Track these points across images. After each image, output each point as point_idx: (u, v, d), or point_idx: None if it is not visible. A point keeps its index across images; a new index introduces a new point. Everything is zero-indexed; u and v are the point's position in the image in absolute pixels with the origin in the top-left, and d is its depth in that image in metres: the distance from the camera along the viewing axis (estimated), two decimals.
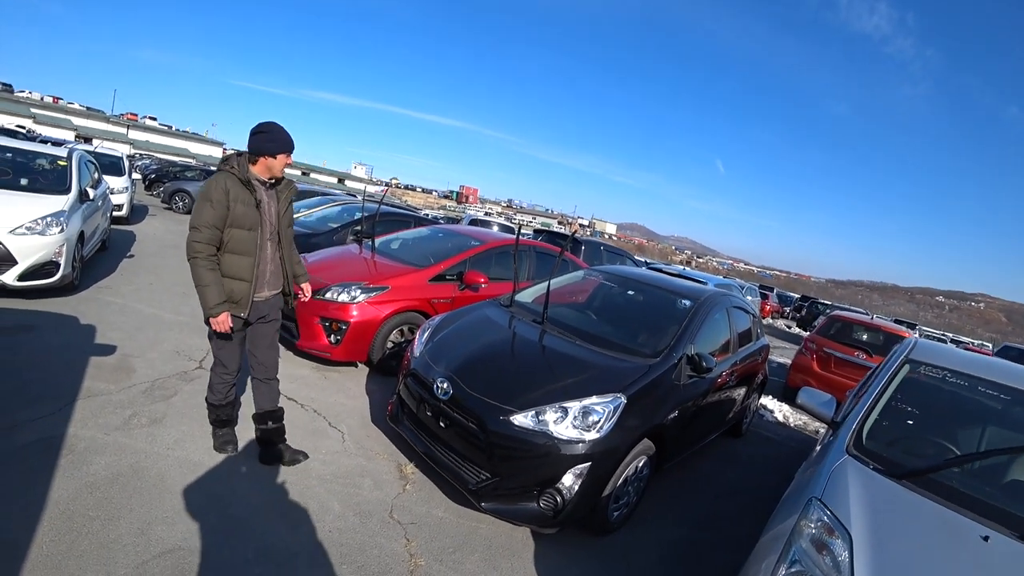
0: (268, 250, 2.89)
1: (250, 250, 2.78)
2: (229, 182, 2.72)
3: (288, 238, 3.05)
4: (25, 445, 2.79)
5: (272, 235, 2.92)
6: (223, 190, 2.68)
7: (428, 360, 3.41)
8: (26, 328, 4.30)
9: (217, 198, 2.66)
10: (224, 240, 2.72)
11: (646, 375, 3.34)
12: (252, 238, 2.78)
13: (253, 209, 2.76)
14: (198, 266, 2.65)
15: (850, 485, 2.29)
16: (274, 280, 3.00)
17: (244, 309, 2.82)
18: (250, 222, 2.76)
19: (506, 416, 2.93)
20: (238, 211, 2.71)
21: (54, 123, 48.96)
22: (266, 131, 2.79)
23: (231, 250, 2.75)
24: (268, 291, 2.96)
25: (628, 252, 12.51)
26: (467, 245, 5.69)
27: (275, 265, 2.98)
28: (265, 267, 2.90)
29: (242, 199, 2.73)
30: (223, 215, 2.67)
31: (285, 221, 3.00)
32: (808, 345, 8.57)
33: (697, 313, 4.13)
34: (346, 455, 3.42)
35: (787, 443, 6.04)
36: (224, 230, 2.71)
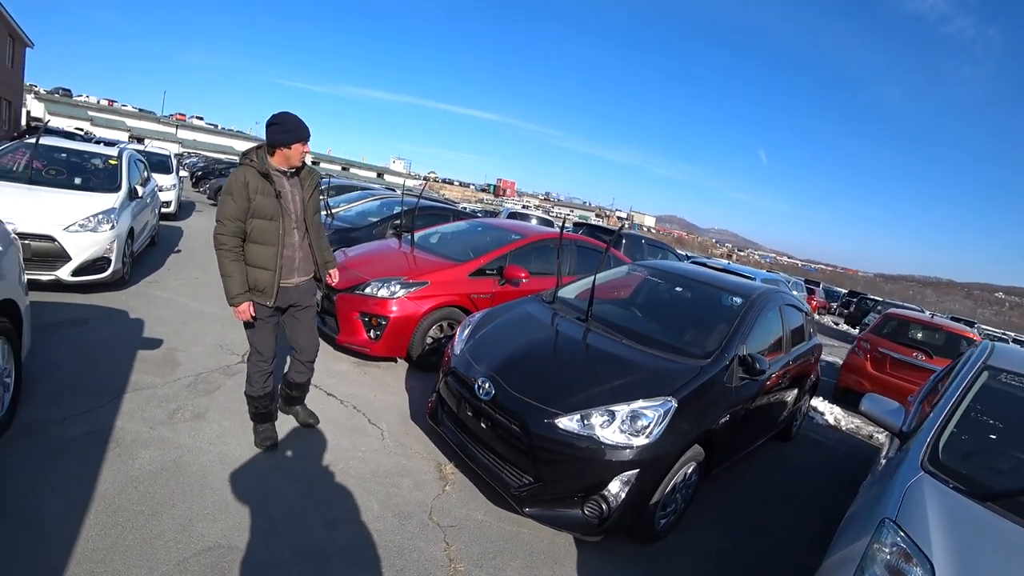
0: (295, 238, 2.95)
1: (272, 239, 2.83)
2: (248, 175, 2.77)
3: (316, 225, 3.10)
4: (76, 437, 2.84)
5: (298, 223, 2.97)
6: (242, 183, 2.74)
7: (469, 358, 3.32)
8: (80, 322, 4.42)
9: (237, 191, 2.74)
10: (247, 230, 2.80)
11: (697, 377, 3.16)
12: (274, 227, 2.83)
13: (273, 199, 2.81)
14: (222, 257, 2.76)
15: (928, 506, 2.08)
16: (304, 267, 3.05)
17: (269, 298, 2.87)
18: (271, 212, 2.80)
19: (550, 419, 2.81)
20: (258, 202, 2.76)
21: (109, 125, 51.25)
22: (279, 123, 2.81)
23: (254, 240, 2.81)
24: (298, 277, 3.02)
25: (670, 246, 12.20)
26: (507, 239, 5.58)
27: (304, 252, 3.03)
28: (293, 254, 2.95)
29: (262, 190, 2.78)
30: (244, 207, 2.74)
31: (311, 208, 3.04)
32: (861, 344, 8.12)
33: (749, 311, 3.92)
34: (385, 453, 3.37)
35: (838, 447, 5.74)
36: (247, 221, 2.78)
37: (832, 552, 2.38)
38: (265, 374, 3.05)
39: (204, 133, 69.81)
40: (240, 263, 2.79)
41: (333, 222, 7.07)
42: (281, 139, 2.81)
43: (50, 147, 6.30)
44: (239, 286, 2.78)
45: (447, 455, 3.49)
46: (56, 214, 5.03)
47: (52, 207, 5.11)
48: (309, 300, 3.16)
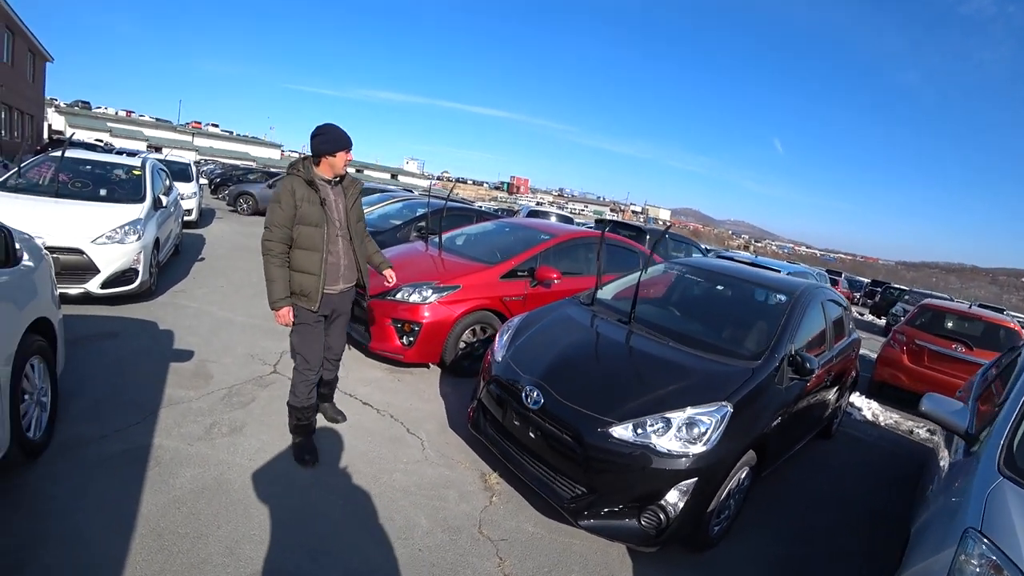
0: (339, 245, 3.03)
1: (317, 245, 2.90)
2: (295, 183, 2.89)
3: (359, 232, 3.17)
4: (115, 455, 2.77)
5: (342, 231, 3.04)
6: (289, 191, 2.86)
7: (513, 365, 3.21)
8: (110, 335, 4.38)
9: (285, 200, 2.84)
10: (294, 237, 2.88)
11: (750, 380, 3.03)
12: (319, 234, 2.90)
13: (318, 207, 2.89)
14: (268, 263, 2.86)
15: (1013, 513, 1.95)
16: (348, 274, 3.11)
17: (314, 302, 2.93)
18: (315, 219, 2.88)
19: (604, 428, 2.69)
20: (304, 210, 2.86)
21: (128, 135, 52.15)
22: (323, 133, 2.93)
23: (300, 246, 2.89)
24: (343, 284, 3.10)
25: (694, 240, 11.99)
26: (537, 239, 5.45)
27: (348, 259, 3.09)
28: (337, 261, 3.02)
29: (307, 198, 2.88)
30: (291, 214, 2.84)
31: (354, 216, 3.11)
32: (897, 337, 7.83)
33: (794, 309, 3.77)
34: (427, 464, 3.27)
35: (879, 444, 5.53)
36: (293, 228, 2.87)
37: (910, 564, 2.23)
38: (310, 384, 3.07)
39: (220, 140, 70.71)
40: (284, 269, 2.88)
41: None
42: (326, 148, 2.91)
43: (75, 159, 6.31)
44: (281, 291, 2.87)
45: (491, 464, 3.38)
46: (83, 227, 5.01)
47: (79, 220, 5.08)
48: (347, 307, 3.25)
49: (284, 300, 2.89)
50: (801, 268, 11.42)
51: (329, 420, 3.52)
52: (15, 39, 23.12)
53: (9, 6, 20.64)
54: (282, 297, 2.88)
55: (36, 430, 2.67)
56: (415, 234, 6.90)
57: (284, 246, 2.87)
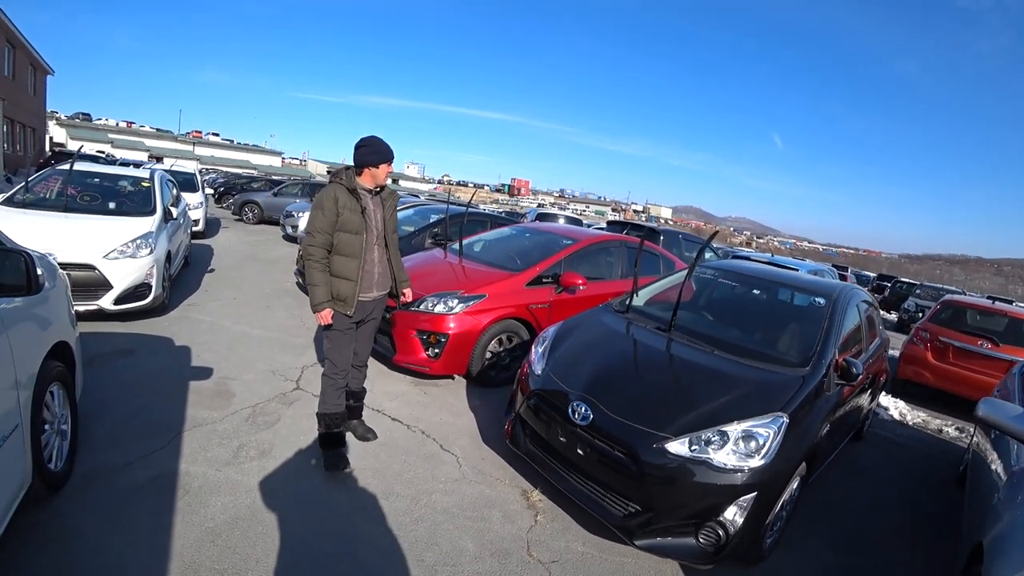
0: (375, 253, 3.08)
1: (356, 252, 2.96)
2: (338, 191, 2.95)
3: (394, 243, 3.22)
4: (142, 485, 2.63)
5: (379, 239, 3.11)
6: (332, 199, 2.92)
7: (555, 378, 3.06)
8: (126, 352, 4.24)
9: (328, 206, 2.91)
10: (334, 243, 2.94)
11: (802, 388, 2.91)
12: (358, 241, 2.96)
13: (358, 215, 2.95)
14: (310, 267, 2.92)
15: None
16: (383, 281, 3.17)
17: (350, 307, 2.98)
18: (355, 226, 2.95)
19: (660, 444, 2.56)
20: (345, 217, 2.92)
21: (129, 146, 52.14)
22: (368, 144, 3.00)
23: (339, 252, 2.95)
24: (377, 292, 3.15)
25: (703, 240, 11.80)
26: (559, 244, 5.30)
27: (383, 267, 3.16)
28: (372, 268, 3.07)
29: (349, 206, 2.94)
30: (332, 221, 2.90)
31: (390, 227, 3.19)
32: (920, 334, 7.66)
33: (835, 312, 3.67)
34: (466, 483, 3.12)
35: (910, 445, 5.38)
36: (334, 234, 2.93)
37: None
38: (339, 389, 3.10)
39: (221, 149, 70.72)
40: (326, 274, 2.93)
41: None
42: (370, 159, 2.99)
43: (82, 172, 6.18)
44: (324, 295, 2.92)
45: (530, 480, 3.24)
46: (95, 241, 4.88)
47: (90, 234, 4.95)
48: (379, 314, 3.30)
49: (327, 303, 2.93)
50: (817, 266, 11.26)
51: (360, 438, 3.41)
52: (16, 52, 23.09)
53: (9, 20, 20.60)
54: (325, 300, 2.92)
55: (58, 460, 2.53)
56: (430, 241, 6.75)
57: (325, 251, 2.93)
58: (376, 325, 3.33)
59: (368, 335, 3.32)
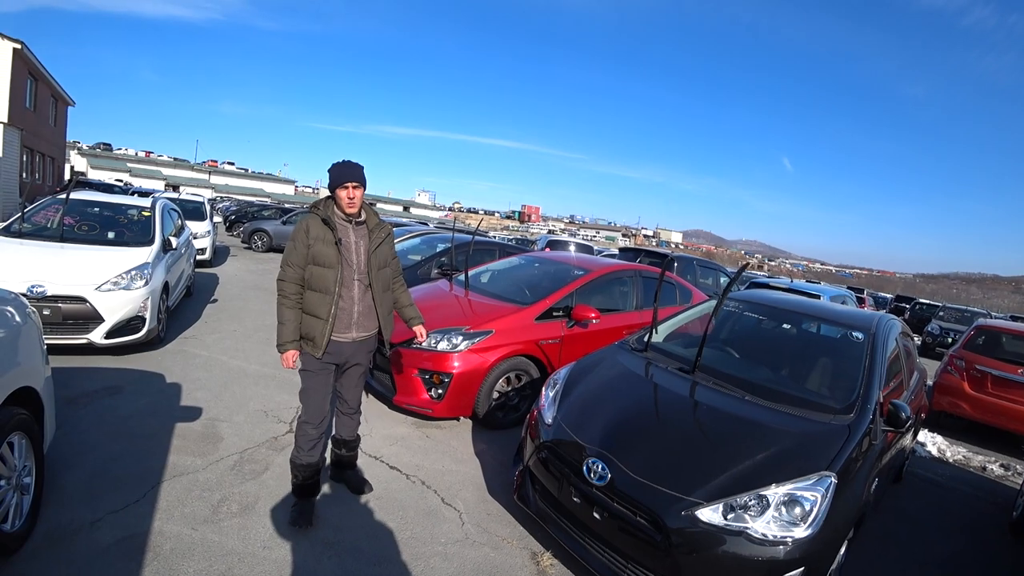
0: (354, 290, 2.78)
1: (328, 288, 2.70)
2: (311, 222, 2.75)
3: (383, 279, 2.90)
4: (107, 547, 2.35)
5: (360, 275, 2.80)
6: (303, 229, 2.73)
7: (567, 429, 2.76)
8: (113, 390, 4.01)
9: (298, 237, 2.72)
10: (306, 277, 2.72)
11: (849, 440, 2.57)
12: (331, 275, 2.70)
13: (332, 247, 2.71)
14: (279, 302, 2.73)
15: None
16: (364, 322, 2.85)
17: (319, 348, 2.70)
18: (328, 260, 2.70)
19: (689, 511, 2.23)
20: (317, 249, 2.70)
21: (147, 175, 53.12)
22: (329, 169, 2.79)
23: (311, 287, 2.72)
24: (356, 333, 2.83)
25: (721, 265, 11.50)
26: (570, 275, 5.02)
27: (365, 307, 2.84)
28: (350, 307, 2.78)
29: (322, 237, 2.72)
30: (303, 253, 2.70)
31: (375, 262, 2.84)
32: (955, 362, 7.23)
33: (876, 348, 3.33)
34: (469, 544, 2.80)
35: (953, 486, 4.92)
36: (306, 267, 2.71)
37: None
38: (311, 439, 2.79)
39: (236, 177, 71.95)
40: (296, 311, 2.72)
41: None
42: (329, 184, 2.78)
43: (82, 201, 6.05)
44: (288, 334, 2.70)
45: (541, 541, 2.90)
46: (87, 273, 4.70)
47: (83, 265, 4.78)
48: (364, 359, 2.96)
49: (291, 344, 2.70)
50: (839, 291, 10.88)
51: (355, 491, 3.11)
52: (38, 85, 23.58)
53: (32, 54, 21.07)
54: (289, 340, 2.69)
55: (15, 519, 2.26)
56: (436, 271, 6.51)
57: (297, 286, 2.71)
58: (363, 371, 3.01)
59: (354, 381, 3.00)
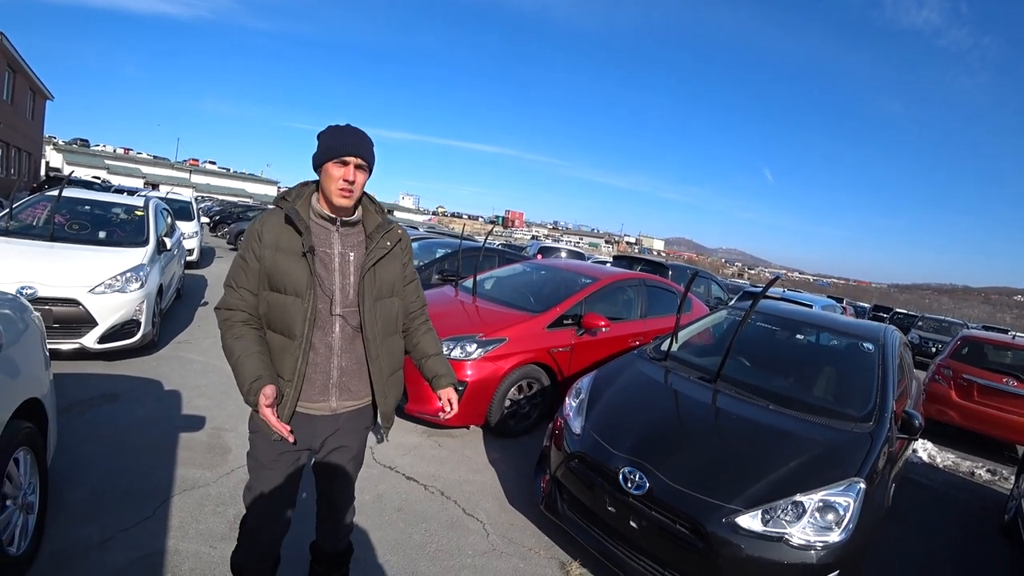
0: (335, 331, 1.74)
1: (291, 328, 1.69)
2: (269, 221, 1.73)
3: (383, 317, 1.81)
4: (122, 568, 2.23)
5: (346, 308, 1.75)
6: (255, 233, 1.73)
7: (599, 439, 2.72)
8: (109, 398, 3.85)
9: (248, 245, 1.73)
10: (261, 310, 1.74)
11: (872, 447, 2.63)
12: (296, 309, 1.68)
13: (298, 262, 1.68)
14: (223, 339, 1.72)
15: None
16: (351, 383, 1.80)
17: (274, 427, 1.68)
18: (291, 282, 1.68)
19: (729, 518, 2.23)
20: (276, 264, 1.68)
21: (126, 172, 51.93)
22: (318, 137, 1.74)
23: (269, 325, 1.74)
24: (339, 401, 1.79)
25: (712, 274, 11.59)
26: (579, 283, 4.99)
27: (352, 360, 1.79)
28: (327, 360, 1.75)
29: (282, 245, 1.69)
30: (253, 270, 1.70)
31: (373, 287, 1.78)
32: (942, 371, 7.47)
33: (887, 358, 3.45)
34: (496, 556, 2.73)
35: (945, 491, 5.06)
36: (259, 292, 1.73)
37: None
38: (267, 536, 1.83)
39: (217, 177, 70.76)
40: (247, 340, 1.69)
41: None
42: (315, 159, 1.73)
43: (73, 199, 5.84)
44: (253, 368, 1.65)
45: (567, 550, 2.86)
46: (80, 274, 4.51)
47: (75, 267, 4.59)
48: (353, 441, 1.90)
49: (262, 380, 1.64)
50: (828, 302, 11.08)
51: None
52: (16, 77, 22.94)
53: (11, 45, 20.50)
54: (256, 376, 1.64)
55: (21, 541, 2.12)
56: (437, 277, 6.42)
57: (244, 313, 1.72)
58: (352, 456, 1.92)
59: (343, 474, 1.93)
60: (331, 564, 2.08)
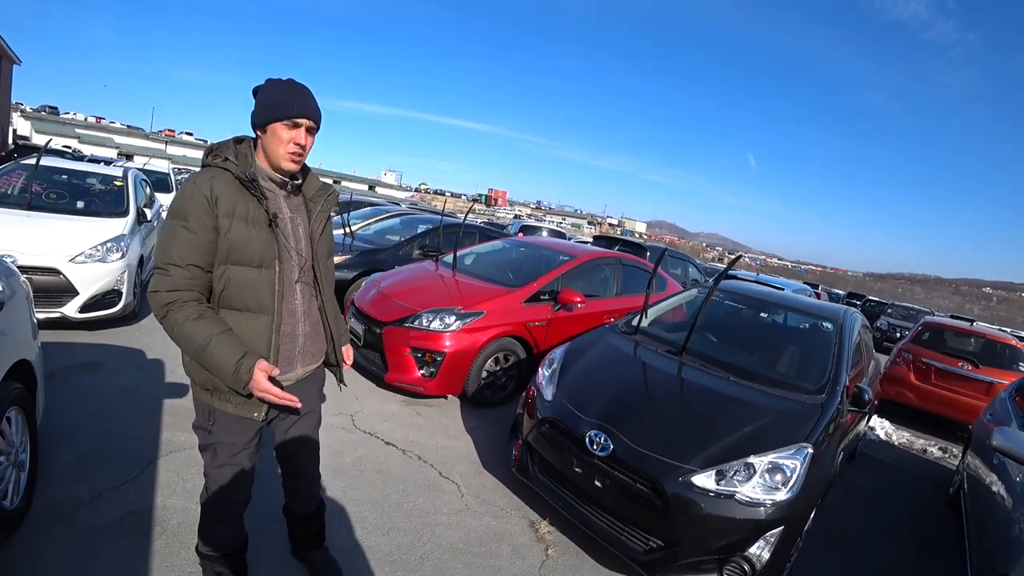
0: (297, 299, 1.74)
1: (264, 303, 1.63)
2: (219, 186, 1.56)
3: (329, 277, 1.87)
4: (113, 522, 2.35)
5: (304, 272, 1.75)
6: (203, 200, 1.53)
7: (568, 405, 2.89)
8: (92, 366, 3.91)
9: (194, 213, 1.52)
10: (215, 287, 1.61)
11: (822, 417, 2.84)
12: (267, 281, 1.63)
13: (264, 230, 1.61)
14: (175, 325, 1.51)
15: None
16: (311, 346, 1.82)
17: (259, 407, 1.67)
18: (260, 251, 1.61)
19: (686, 477, 2.43)
20: (237, 233, 1.57)
21: (98, 142, 50.25)
22: (261, 89, 1.63)
23: (229, 304, 1.62)
24: (302, 367, 1.80)
25: (691, 257, 11.84)
26: (556, 260, 5.14)
27: (312, 323, 1.81)
28: (294, 329, 1.74)
29: (242, 212, 1.58)
30: (208, 242, 1.55)
31: (324, 249, 1.83)
32: (903, 355, 7.83)
33: (844, 337, 3.66)
34: (470, 514, 2.91)
35: (901, 467, 5.41)
36: (215, 268, 1.59)
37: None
38: (231, 521, 1.87)
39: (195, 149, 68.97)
40: (210, 319, 1.54)
41: (354, 243, 6.58)
42: (253, 117, 1.62)
43: (50, 168, 5.78)
44: (232, 348, 1.52)
45: (538, 511, 3.05)
46: (61, 244, 4.51)
47: (56, 236, 4.58)
48: (315, 404, 1.95)
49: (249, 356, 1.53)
50: (800, 286, 11.41)
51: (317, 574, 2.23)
52: None
53: None
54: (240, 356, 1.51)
55: (13, 496, 2.22)
56: (418, 252, 6.53)
57: (194, 292, 1.55)
58: (315, 419, 1.97)
59: (307, 438, 1.96)
60: (307, 523, 2.15)
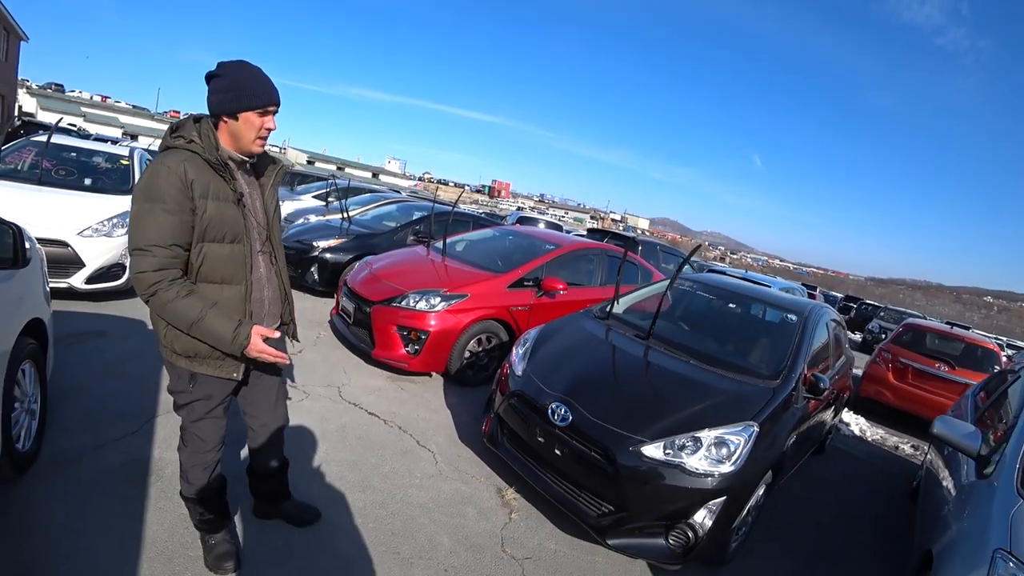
0: (261, 268, 1.92)
1: (237, 274, 1.81)
2: (191, 167, 1.67)
3: (280, 245, 2.06)
4: (113, 469, 2.59)
5: (263, 244, 1.94)
6: (179, 183, 1.63)
7: (536, 380, 3.12)
8: (97, 334, 4.15)
9: (171, 195, 1.62)
10: (193, 263, 1.74)
11: (772, 399, 3.05)
12: (239, 255, 1.81)
13: (232, 208, 1.76)
14: (166, 303, 1.64)
15: None
16: (274, 308, 2.03)
17: (236, 368, 1.86)
18: (232, 228, 1.77)
19: (636, 447, 2.64)
20: (212, 213, 1.70)
21: (103, 121, 50.31)
22: (220, 75, 1.72)
23: (206, 278, 1.76)
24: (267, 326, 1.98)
25: (682, 252, 12.03)
26: (542, 249, 5.37)
27: (273, 288, 2.01)
28: (261, 294, 1.94)
29: (214, 193, 1.72)
30: (187, 223, 1.66)
31: (276, 219, 2.02)
32: (883, 355, 8.02)
33: (805, 329, 3.83)
34: (442, 479, 3.15)
35: (871, 461, 5.64)
36: (193, 247, 1.72)
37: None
38: (208, 465, 2.01)
39: None
40: (197, 295, 1.70)
41: (351, 227, 6.82)
42: (224, 104, 1.71)
43: (59, 146, 6.01)
44: (225, 319, 1.70)
45: (505, 478, 3.29)
46: (69, 218, 4.75)
47: (64, 210, 4.82)
48: None
49: (245, 324, 1.74)
50: (789, 284, 11.60)
51: (298, 523, 2.44)
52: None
53: None
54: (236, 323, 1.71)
55: (26, 440, 2.47)
56: (412, 238, 6.77)
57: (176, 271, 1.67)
58: (280, 379, 2.18)
59: (272, 396, 2.15)
60: (274, 478, 2.35)
